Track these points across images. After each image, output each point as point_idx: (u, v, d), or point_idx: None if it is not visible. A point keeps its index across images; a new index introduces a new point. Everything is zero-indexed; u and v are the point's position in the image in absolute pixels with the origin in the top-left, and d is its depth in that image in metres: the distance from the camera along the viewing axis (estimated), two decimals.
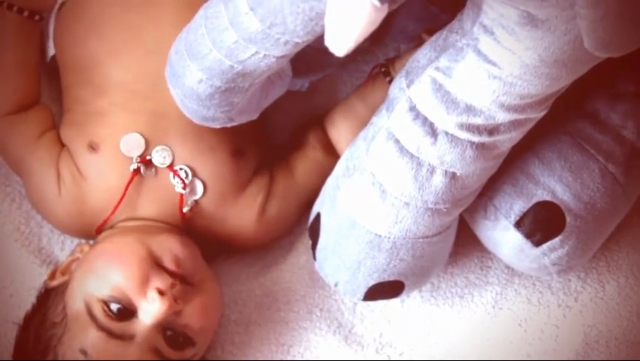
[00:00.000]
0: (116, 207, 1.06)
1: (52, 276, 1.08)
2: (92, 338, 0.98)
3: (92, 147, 1.07)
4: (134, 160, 1.06)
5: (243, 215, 1.09)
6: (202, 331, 1.04)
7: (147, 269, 1.00)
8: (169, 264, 1.01)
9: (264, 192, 1.10)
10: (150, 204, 1.07)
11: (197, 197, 1.07)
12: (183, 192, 1.06)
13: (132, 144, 1.06)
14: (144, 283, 0.99)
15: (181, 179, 1.06)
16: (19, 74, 1.12)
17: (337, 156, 1.12)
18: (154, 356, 1.00)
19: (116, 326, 0.98)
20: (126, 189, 1.06)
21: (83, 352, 0.98)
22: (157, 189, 1.07)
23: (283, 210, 1.12)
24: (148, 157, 1.06)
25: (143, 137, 1.06)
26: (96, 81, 1.08)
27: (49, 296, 1.05)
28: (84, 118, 1.08)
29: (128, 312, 0.99)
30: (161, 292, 0.98)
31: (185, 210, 1.07)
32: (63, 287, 1.03)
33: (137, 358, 0.99)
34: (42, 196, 1.10)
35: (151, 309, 0.98)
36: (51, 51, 1.15)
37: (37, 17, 1.12)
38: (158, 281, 0.99)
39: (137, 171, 1.06)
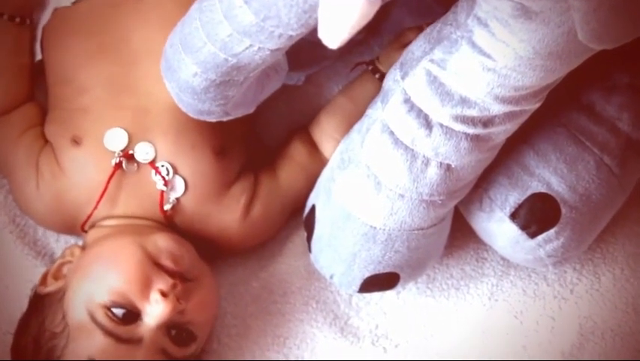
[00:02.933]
0: (98, 202, 1.05)
1: (43, 281, 1.06)
2: (99, 344, 0.98)
3: (75, 141, 1.06)
4: (116, 154, 1.05)
5: (226, 215, 1.09)
6: (203, 324, 1.04)
7: (147, 271, 0.99)
8: (167, 263, 1.01)
9: (248, 194, 1.10)
10: (131, 201, 1.06)
11: (177, 195, 1.06)
12: (164, 188, 1.05)
13: (115, 139, 1.05)
14: (146, 285, 0.99)
15: (162, 176, 1.05)
16: (9, 77, 1.13)
17: (322, 159, 1.13)
18: (161, 357, 1.00)
19: (122, 330, 0.98)
20: (108, 182, 1.05)
21: (91, 359, 0.98)
22: (138, 185, 1.06)
23: (267, 212, 1.11)
24: (130, 152, 1.05)
25: (127, 132, 1.06)
26: (80, 79, 1.08)
27: (44, 303, 1.03)
28: (68, 114, 1.08)
29: (132, 315, 0.98)
30: (164, 294, 0.98)
31: (166, 207, 1.06)
32: (59, 295, 1.02)
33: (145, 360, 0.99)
34: (22, 192, 1.10)
35: (155, 312, 0.98)
36: (39, 55, 1.15)
37: (27, 22, 1.13)
38: (160, 283, 0.99)
39: (118, 165, 1.05)
